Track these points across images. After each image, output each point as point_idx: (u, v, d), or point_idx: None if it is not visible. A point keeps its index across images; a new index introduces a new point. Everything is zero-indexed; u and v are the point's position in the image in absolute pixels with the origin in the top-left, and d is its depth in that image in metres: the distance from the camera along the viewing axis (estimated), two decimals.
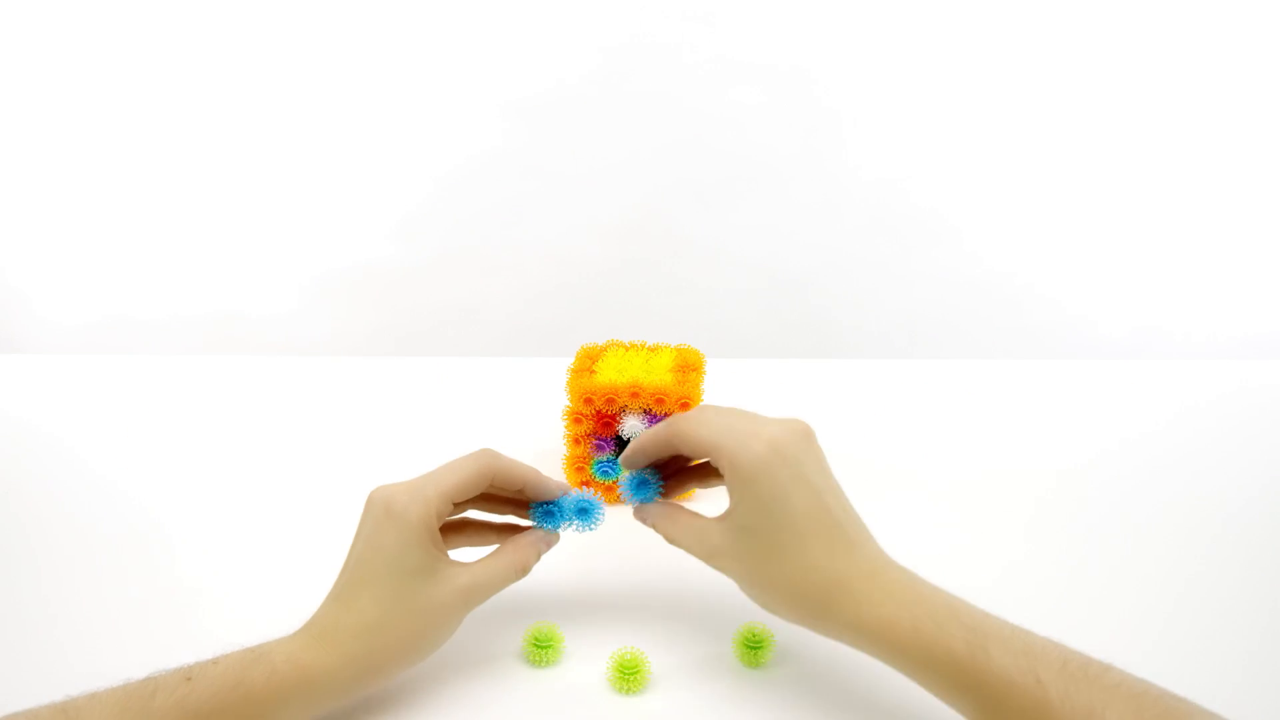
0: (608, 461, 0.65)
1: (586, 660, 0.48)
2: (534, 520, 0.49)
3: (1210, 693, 0.46)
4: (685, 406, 0.63)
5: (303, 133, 1.23)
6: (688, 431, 0.44)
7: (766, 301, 1.33)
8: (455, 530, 0.49)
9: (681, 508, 0.47)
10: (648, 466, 0.49)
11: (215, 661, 0.39)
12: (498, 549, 0.46)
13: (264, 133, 1.23)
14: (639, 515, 0.48)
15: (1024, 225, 1.28)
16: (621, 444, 0.65)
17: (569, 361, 0.68)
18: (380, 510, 0.43)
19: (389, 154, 1.25)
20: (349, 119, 1.23)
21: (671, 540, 0.46)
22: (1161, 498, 0.68)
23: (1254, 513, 0.66)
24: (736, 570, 0.43)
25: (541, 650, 0.47)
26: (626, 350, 0.70)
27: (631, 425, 0.63)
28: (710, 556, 0.44)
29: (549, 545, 0.48)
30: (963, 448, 0.77)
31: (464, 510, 0.48)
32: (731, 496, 0.42)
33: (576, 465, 0.65)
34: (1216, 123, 1.21)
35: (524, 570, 0.46)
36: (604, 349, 0.70)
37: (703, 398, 0.65)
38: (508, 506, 0.50)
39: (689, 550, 0.45)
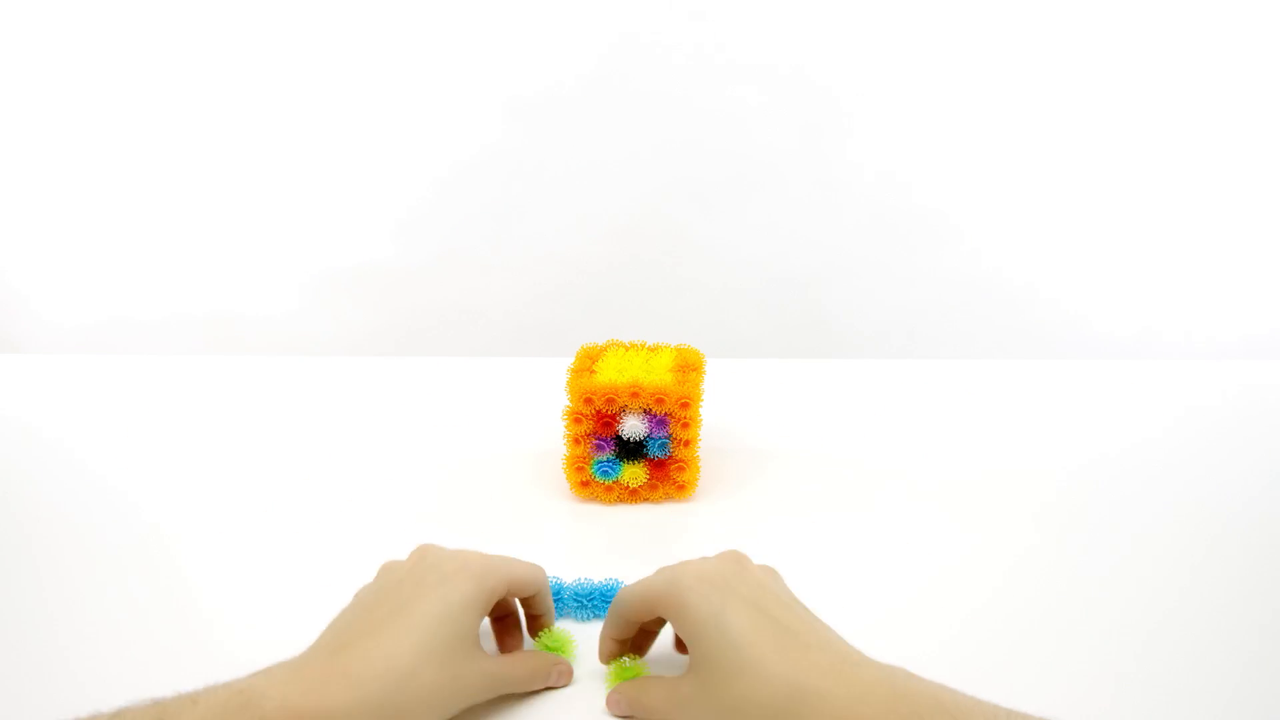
0: (608, 461, 0.65)
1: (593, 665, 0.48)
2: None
3: (1211, 693, 0.46)
4: (686, 406, 0.63)
5: (302, 132, 1.23)
6: (625, 597, 0.44)
7: (767, 301, 1.33)
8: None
9: (650, 677, 0.45)
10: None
11: (194, 701, 0.34)
12: (523, 654, 0.46)
13: (263, 133, 1.23)
14: (613, 706, 0.45)
15: (1025, 225, 1.28)
16: (621, 444, 0.65)
17: (569, 361, 0.68)
18: (453, 566, 0.43)
19: (389, 154, 1.25)
20: (348, 119, 1.23)
21: (649, 711, 0.43)
22: (1162, 498, 0.68)
23: (1254, 513, 0.66)
24: (704, 709, 0.40)
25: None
26: (626, 350, 0.70)
27: (631, 425, 0.63)
28: (683, 707, 0.41)
29: (561, 678, 0.46)
30: (963, 448, 0.77)
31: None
32: (676, 628, 0.42)
33: (576, 465, 0.65)
34: (1216, 123, 1.21)
35: (535, 681, 0.45)
36: (604, 349, 0.70)
37: (702, 398, 0.65)
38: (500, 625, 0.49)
39: (667, 713, 0.42)
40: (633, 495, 0.65)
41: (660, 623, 0.46)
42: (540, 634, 0.48)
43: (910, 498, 0.68)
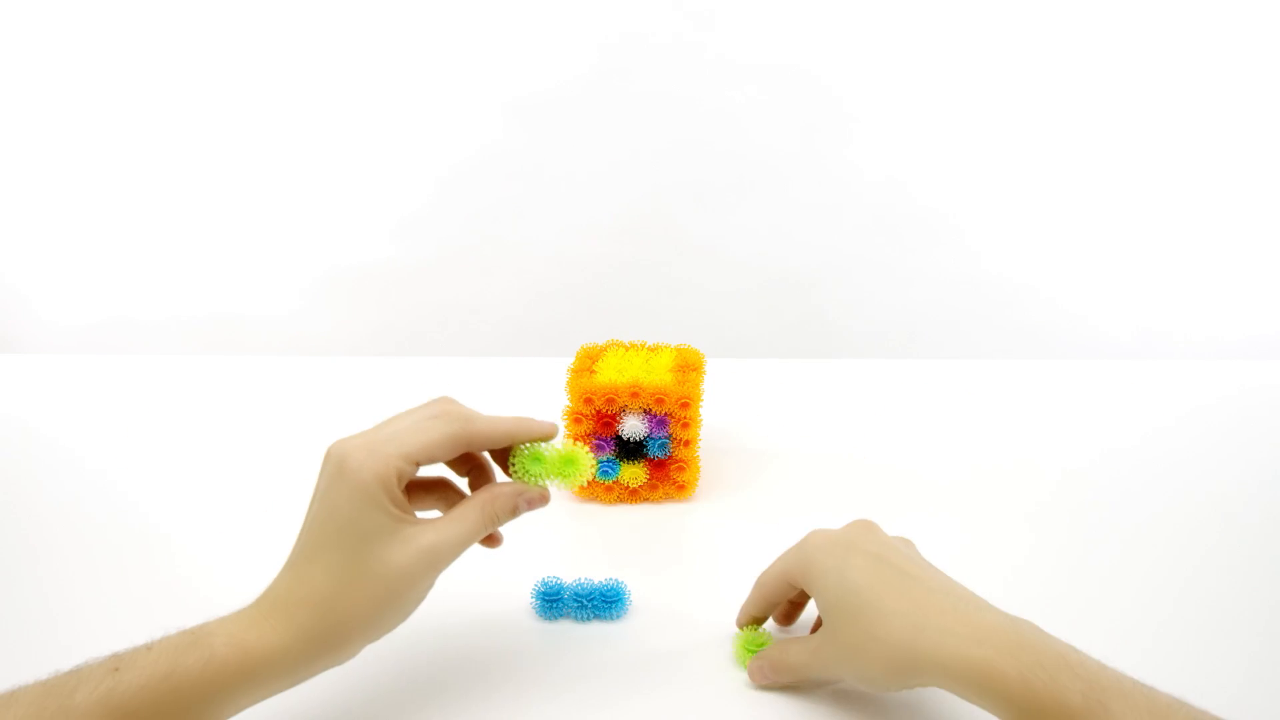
0: (608, 462, 0.65)
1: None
2: (537, 607, 0.51)
3: (1211, 693, 0.46)
4: (685, 406, 0.63)
5: (303, 133, 1.23)
6: (764, 575, 0.47)
7: (766, 301, 1.33)
8: (426, 489, 0.45)
9: (786, 640, 0.46)
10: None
11: (149, 647, 0.35)
12: (467, 500, 0.42)
13: (264, 133, 1.23)
14: (757, 675, 0.45)
15: (1025, 225, 1.28)
16: (621, 444, 0.65)
17: (569, 361, 0.68)
18: (334, 468, 0.39)
19: (389, 154, 1.25)
20: (349, 119, 1.23)
21: (791, 671, 0.44)
22: (1163, 498, 0.68)
23: (1255, 513, 0.66)
24: (834, 655, 0.41)
25: (539, 464, 0.43)
26: (626, 350, 0.70)
27: (631, 425, 0.63)
28: (818, 657, 0.42)
29: (531, 503, 0.42)
30: (963, 448, 0.77)
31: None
32: (810, 591, 0.44)
33: None
34: (1217, 123, 1.21)
35: (494, 521, 0.41)
36: (604, 349, 0.70)
37: (702, 398, 0.65)
38: (480, 471, 0.46)
39: (805, 667, 0.43)
40: (633, 495, 0.65)
41: (803, 596, 0.48)
42: (513, 464, 0.43)
43: (910, 497, 0.68)
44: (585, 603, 0.51)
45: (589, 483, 0.65)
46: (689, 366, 0.66)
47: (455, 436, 0.41)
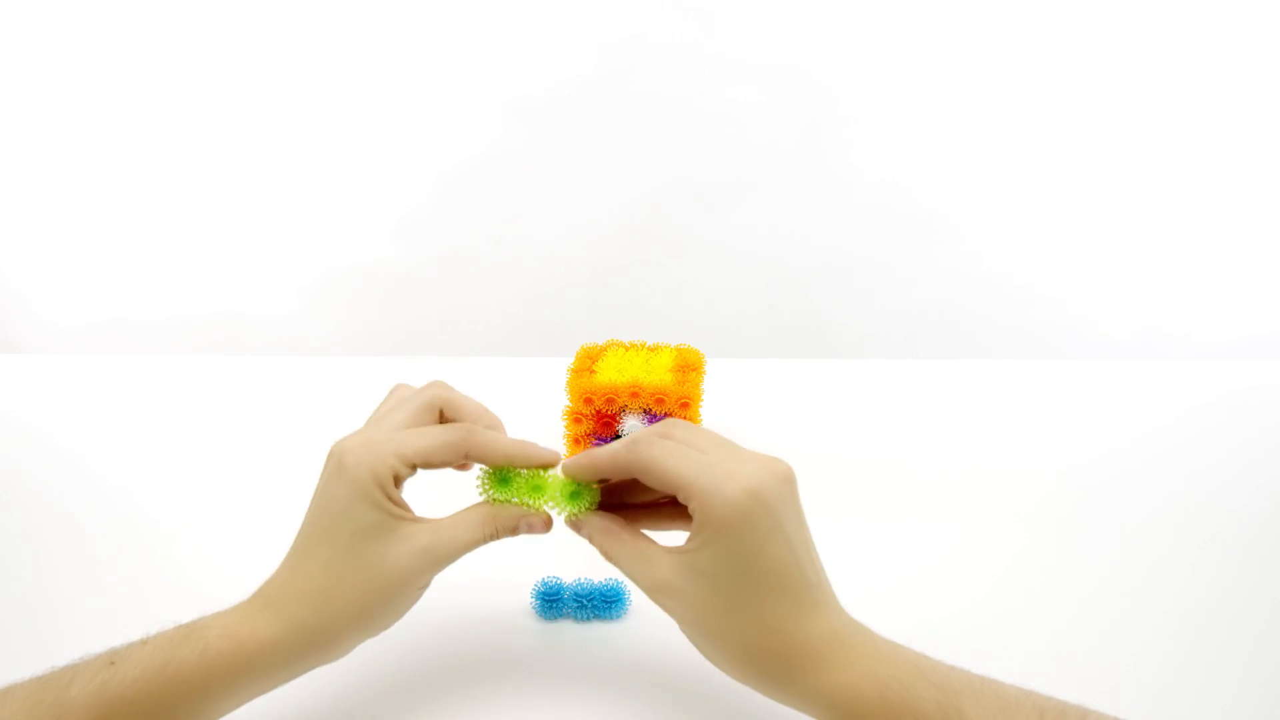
0: None
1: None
2: (537, 607, 0.51)
3: (1210, 693, 0.46)
4: (686, 406, 0.63)
5: (302, 133, 1.23)
6: (653, 459, 0.38)
7: (766, 301, 1.33)
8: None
9: (625, 525, 0.41)
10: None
11: (144, 641, 0.36)
12: (471, 506, 0.41)
13: (264, 133, 1.23)
14: (574, 525, 0.42)
15: (1025, 225, 1.28)
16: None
17: (569, 361, 0.68)
18: (333, 466, 0.39)
19: (389, 154, 1.25)
20: (348, 119, 1.23)
21: (611, 559, 0.40)
22: (1163, 498, 0.68)
23: (1255, 513, 0.66)
24: (685, 615, 0.38)
25: (502, 486, 0.42)
26: (626, 350, 0.70)
27: (631, 425, 0.63)
28: (655, 590, 0.38)
29: (532, 527, 0.41)
30: (963, 448, 0.77)
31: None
32: (695, 537, 0.37)
33: None
34: (1217, 123, 1.21)
35: (494, 535, 0.40)
36: (604, 349, 0.70)
37: (702, 398, 0.65)
38: None
39: (631, 576, 0.39)
40: None
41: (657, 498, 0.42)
42: (484, 486, 0.42)
43: (910, 497, 0.68)
44: (585, 603, 0.51)
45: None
46: (689, 366, 0.66)
47: (454, 446, 0.40)
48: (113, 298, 1.33)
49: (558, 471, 0.43)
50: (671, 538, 0.41)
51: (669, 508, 0.42)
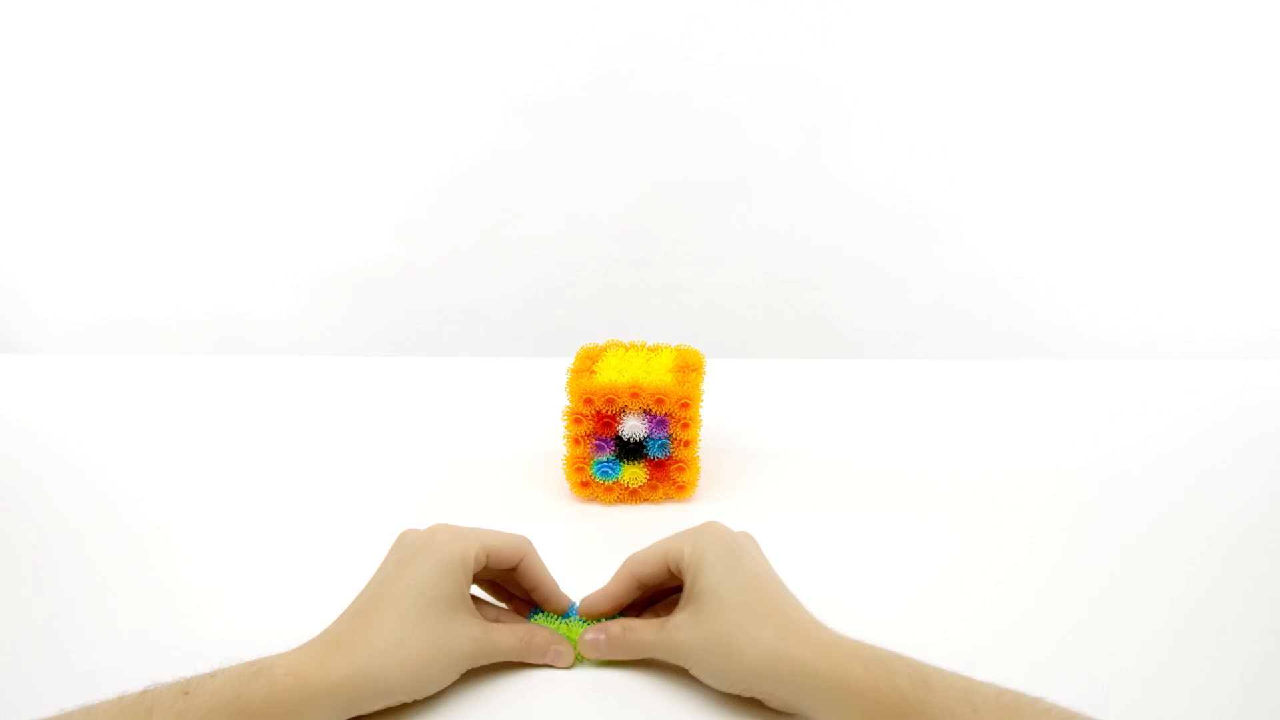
0: (608, 462, 0.64)
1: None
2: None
3: (1210, 692, 0.46)
4: (685, 406, 0.63)
5: (303, 133, 1.23)
6: (641, 554, 0.48)
7: (767, 301, 1.33)
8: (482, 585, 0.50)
9: (632, 619, 0.48)
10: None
11: (213, 675, 0.39)
12: (518, 625, 0.48)
13: (264, 133, 1.23)
14: (591, 648, 0.47)
15: (1025, 225, 1.28)
16: (621, 444, 0.65)
17: (569, 361, 0.68)
18: (421, 541, 0.46)
19: (389, 154, 1.25)
20: (349, 119, 1.23)
21: (631, 646, 0.46)
22: (1163, 498, 0.68)
23: (1255, 513, 0.66)
24: (692, 643, 0.44)
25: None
26: (626, 350, 0.70)
27: (631, 425, 0.63)
28: (673, 645, 0.45)
29: (559, 655, 0.47)
30: (963, 448, 0.77)
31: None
32: (689, 577, 0.45)
33: (576, 465, 0.65)
34: (1216, 123, 1.21)
35: (529, 652, 0.47)
36: (604, 349, 0.70)
37: (702, 398, 0.65)
38: (512, 603, 0.52)
39: (653, 645, 0.46)
40: (633, 495, 0.65)
41: (656, 591, 0.50)
42: (536, 614, 0.49)
43: (910, 498, 0.68)
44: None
45: (589, 483, 0.65)
46: (689, 367, 0.66)
47: (519, 548, 0.48)
48: (113, 297, 1.33)
49: (572, 612, 0.50)
50: None
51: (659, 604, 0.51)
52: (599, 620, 0.49)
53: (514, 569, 0.48)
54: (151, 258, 1.30)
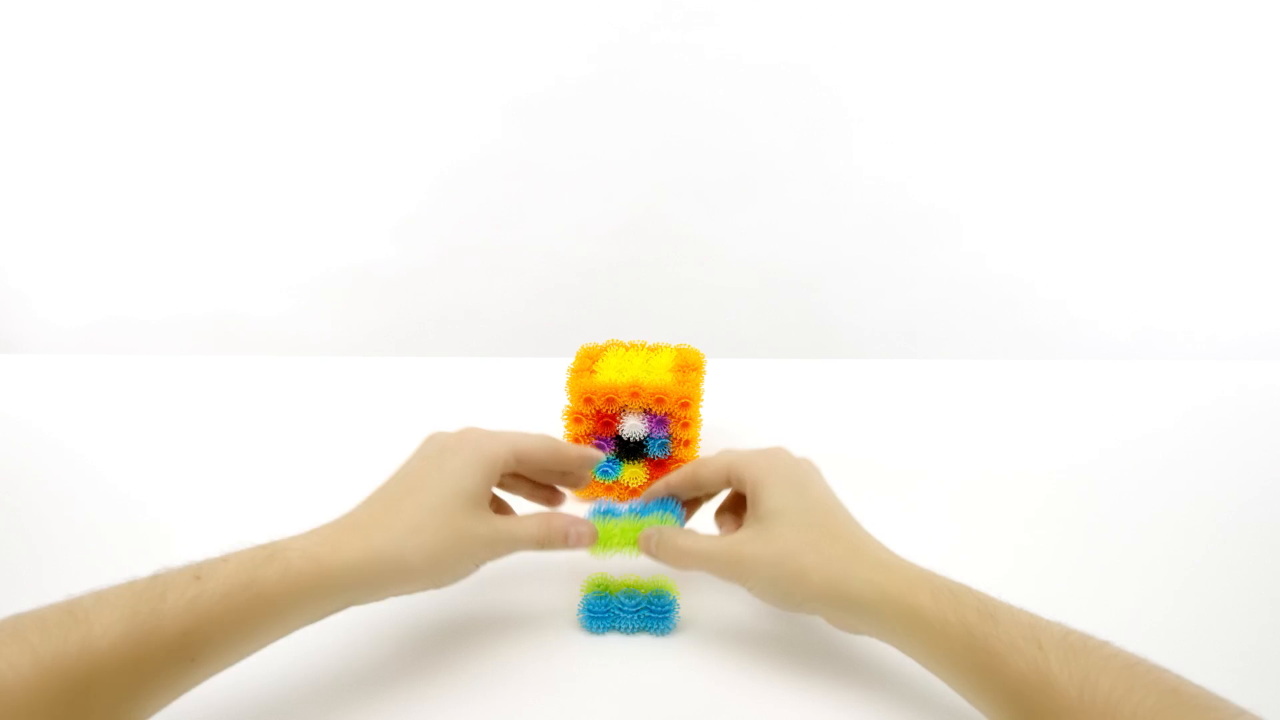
0: (608, 461, 0.64)
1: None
2: (584, 620, 0.50)
3: (1211, 690, 0.46)
4: (686, 406, 0.63)
5: (302, 133, 1.23)
6: (707, 460, 0.49)
7: (767, 301, 1.33)
8: (504, 482, 0.50)
9: (687, 530, 0.49)
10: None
11: (225, 559, 0.38)
12: (532, 515, 0.47)
13: (264, 133, 1.23)
14: (645, 544, 0.48)
15: (1026, 225, 1.28)
16: (621, 444, 0.65)
17: (569, 361, 0.68)
18: (451, 439, 0.46)
19: (389, 154, 1.25)
20: (348, 119, 1.23)
21: (689, 554, 0.46)
22: (1163, 498, 0.68)
23: (1255, 513, 0.66)
24: (757, 559, 0.44)
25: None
26: (626, 350, 0.70)
27: (631, 425, 0.63)
28: (731, 551, 0.45)
29: (580, 537, 0.47)
30: (964, 448, 0.77)
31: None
32: (754, 497, 0.46)
33: None
34: (1217, 123, 1.21)
35: (548, 539, 0.46)
36: (604, 349, 0.70)
37: (702, 398, 0.65)
38: (539, 494, 0.53)
39: (711, 557, 0.45)
40: (633, 495, 0.65)
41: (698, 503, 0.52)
42: (598, 514, 0.50)
43: (910, 498, 0.68)
44: (634, 613, 0.50)
45: (589, 482, 0.65)
46: (689, 366, 0.66)
47: (549, 448, 0.48)
48: (113, 297, 1.33)
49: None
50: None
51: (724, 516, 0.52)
52: (660, 515, 0.49)
53: (550, 470, 0.49)
54: (151, 258, 1.30)
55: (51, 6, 1.17)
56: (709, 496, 0.52)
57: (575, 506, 0.66)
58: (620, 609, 0.50)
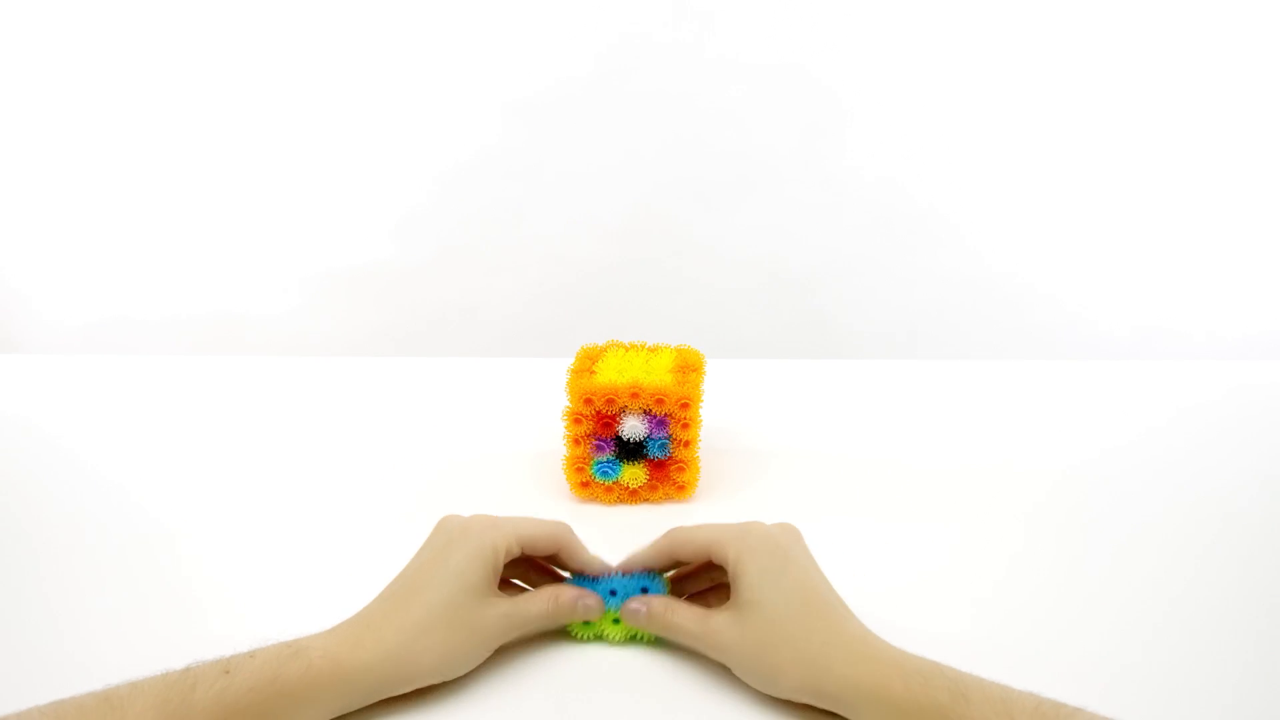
0: (608, 462, 0.64)
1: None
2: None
3: (1209, 692, 0.46)
4: (685, 407, 0.63)
5: (303, 133, 1.23)
6: (686, 535, 0.49)
7: (767, 301, 1.33)
8: (509, 567, 0.51)
9: (680, 600, 0.49)
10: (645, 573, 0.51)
11: (252, 655, 0.40)
12: (539, 590, 0.49)
13: (264, 133, 1.23)
14: (631, 617, 0.48)
15: (1025, 225, 1.28)
16: (621, 444, 0.65)
17: (569, 361, 0.68)
18: (457, 530, 0.47)
19: (389, 153, 1.25)
20: (349, 119, 1.23)
21: (673, 628, 0.47)
22: (1162, 498, 0.68)
23: (1254, 513, 0.66)
24: (736, 644, 0.45)
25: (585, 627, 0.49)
26: (626, 350, 0.70)
27: (631, 425, 0.63)
28: (715, 644, 0.46)
29: (588, 611, 0.48)
30: (963, 448, 0.77)
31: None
32: (735, 581, 0.46)
33: (576, 466, 0.65)
34: (1216, 123, 1.21)
35: (558, 613, 0.48)
36: (604, 349, 0.70)
37: (702, 398, 0.65)
38: (546, 580, 0.52)
39: (692, 636, 0.46)
40: (633, 496, 0.65)
41: (694, 570, 0.51)
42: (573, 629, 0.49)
43: (910, 498, 0.68)
44: (621, 592, 0.49)
45: (589, 483, 0.65)
46: (689, 367, 0.66)
47: (556, 535, 0.49)
48: (113, 297, 1.33)
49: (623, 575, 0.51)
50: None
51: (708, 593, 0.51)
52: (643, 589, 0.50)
53: (553, 556, 0.50)
54: (151, 258, 1.30)
55: (51, 7, 1.16)
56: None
57: (573, 511, 0.66)
58: (606, 587, 0.50)
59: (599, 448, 0.64)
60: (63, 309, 1.34)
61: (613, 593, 0.49)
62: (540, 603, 0.47)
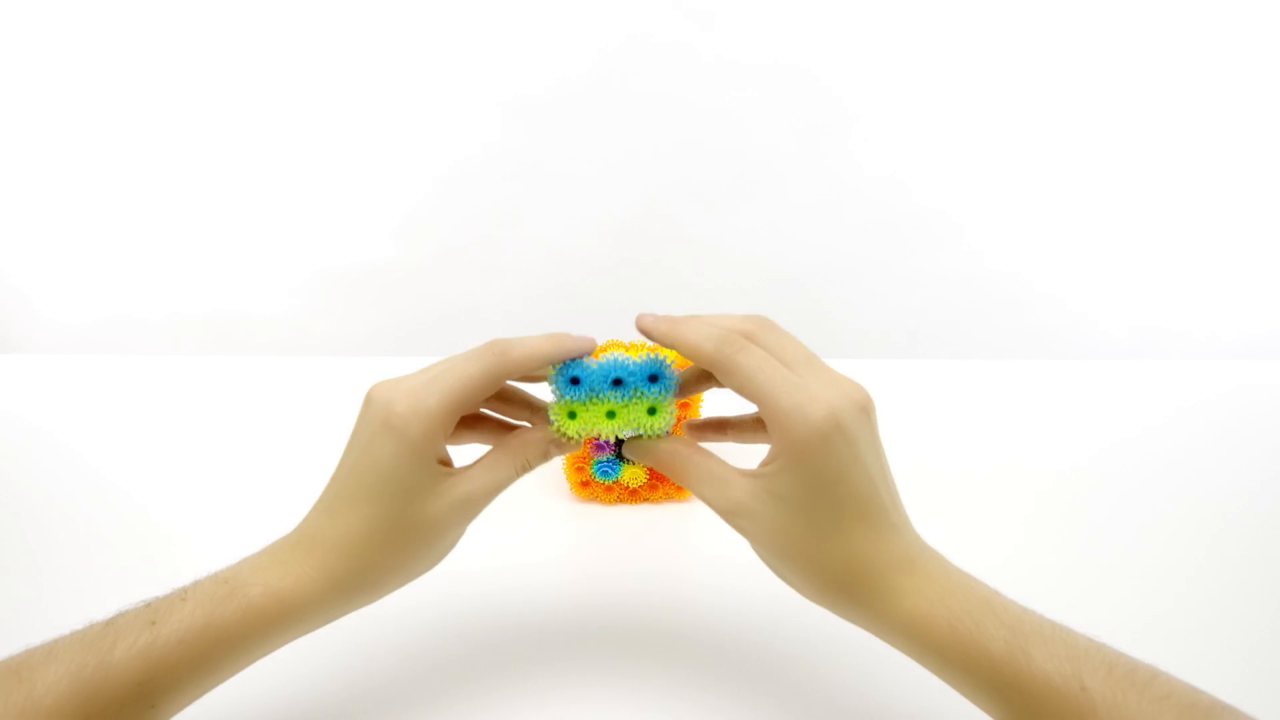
0: (608, 461, 0.64)
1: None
2: (556, 385, 0.41)
3: (1210, 691, 0.46)
4: (686, 406, 0.63)
5: (302, 132, 1.23)
6: (740, 367, 0.38)
7: (767, 301, 1.33)
8: (465, 426, 0.44)
9: (696, 447, 0.41)
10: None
11: (183, 598, 0.36)
12: (496, 447, 0.41)
13: (264, 133, 1.23)
14: (641, 454, 0.41)
15: (1025, 224, 1.28)
16: (622, 444, 0.65)
17: None
18: (379, 421, 0.38)
19: (389, 154, 1.25)
20: (349, 119, 1.23)
21: (683, 480, 0.40)
22: (1162, 497, 0.68)
23: (1254, 512, 0.66)
24: (760, 537, 0.38)
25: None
26: (627, 350, 0.70)
27: None
28: (730, 513, 0.39)
29: (561, 446, 0.41)
30: (963, 448, 0.77)
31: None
32: (773, 461, 0.38)
33: (576, 465, 0.65)
34: (1216, 122, 1.21)
35: (525, 468, 0.41)
36: (604, 349, 0.70)
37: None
38: (524, 410, 0.45)
39: (704, 498, 0.40)
40: (633, 495, 0.65)
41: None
42: (556, 423, 0.41)
43: (910, 497, 0.68)
44: (622, 378, 0.41)
45: (589, 483, 0.65)
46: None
47: (491, 372, 0.39)
48: (113, 297, 1.33)
49: (614, 357, 0.42)
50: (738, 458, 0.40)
51: (743, 424, 0.44)
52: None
53: (510, 380, 0.41)
54: (151, 258, 1.30)
55: (51, 7, 1.16)
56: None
57: (573, 511, 0.66)
58: (604, 373, 0.42)
59: (599, 447, 0.64)
60: (63, 309, 1.34)
61: (617, 382, 0.41)
62: (502, 469, 0.40)
